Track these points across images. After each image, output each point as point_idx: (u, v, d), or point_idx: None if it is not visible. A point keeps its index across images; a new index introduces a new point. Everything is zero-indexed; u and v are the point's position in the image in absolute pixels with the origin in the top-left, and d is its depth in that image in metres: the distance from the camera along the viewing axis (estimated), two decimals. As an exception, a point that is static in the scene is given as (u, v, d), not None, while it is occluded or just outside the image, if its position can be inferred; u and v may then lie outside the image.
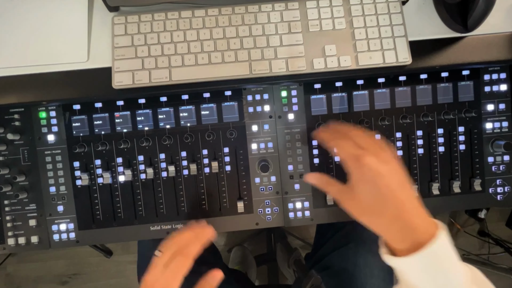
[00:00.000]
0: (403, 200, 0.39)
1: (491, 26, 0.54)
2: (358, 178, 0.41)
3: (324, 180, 0.46)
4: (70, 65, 0.54)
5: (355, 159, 0.41)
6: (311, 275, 0.59)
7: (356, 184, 0.41)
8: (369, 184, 0.40)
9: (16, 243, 0.59)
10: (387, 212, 0.39)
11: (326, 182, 0.46)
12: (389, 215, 0.39)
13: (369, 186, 0.40)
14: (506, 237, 1.27)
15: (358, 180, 0.41)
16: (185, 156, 0.60)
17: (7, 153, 0.59)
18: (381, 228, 0.40)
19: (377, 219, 0.40)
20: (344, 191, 0.43)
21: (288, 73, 0.53)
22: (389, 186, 0.39)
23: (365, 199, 0.40)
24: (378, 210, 0.39)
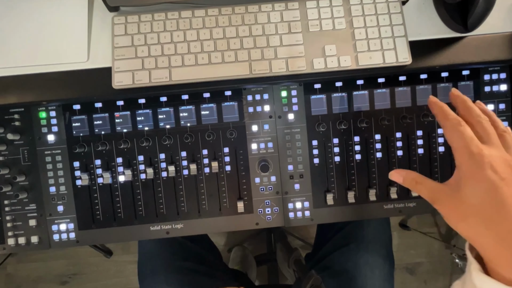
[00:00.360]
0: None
1: (491, 26, 0.54)
2: (470, 176, 0.33)
3: (412, 177, 0.38)
4: (70, 65, 0.54)
5: (473, 154, 0.33)
6: (311, 275, 0.59)
7: (465, 183, 0.33)
8: (485, 188, 0.32)
9: (16, 243, 0.59)
10: (501, 226, 0.30)
11: (415, 179, 0.38)
12: (503, 229, 0.30)
13: (484, 190, 0.32)
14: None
15: (469, 178, 0.33)
16: (185, 156, 0.60)
17: (7, 153, 0.59)
18: (485, 244, 0.32)
19: (485, 230, 0.31)
20: (442, 189, 0.35)
21: (288, 73, 0.53)
22: (509, 194, 0.31)
23: (474, 202, 0.32)
24: (489, 221, 0.31)
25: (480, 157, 0.33)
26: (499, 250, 0.31)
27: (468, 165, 0.33)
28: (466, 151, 0.34)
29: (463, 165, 0.34)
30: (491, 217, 0.31)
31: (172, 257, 0.65)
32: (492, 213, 0.31)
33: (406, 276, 1.36)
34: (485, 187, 0.32)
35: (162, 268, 0.64)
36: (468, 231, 0.33)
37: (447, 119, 0.37)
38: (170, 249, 0.66)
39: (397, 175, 0.40)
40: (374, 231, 0.66)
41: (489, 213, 0.31)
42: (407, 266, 1.36)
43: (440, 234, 1.37)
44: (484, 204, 0.32)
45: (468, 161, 0.33)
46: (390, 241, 0.69)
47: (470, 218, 0.32)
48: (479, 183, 0.32)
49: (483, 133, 0.36)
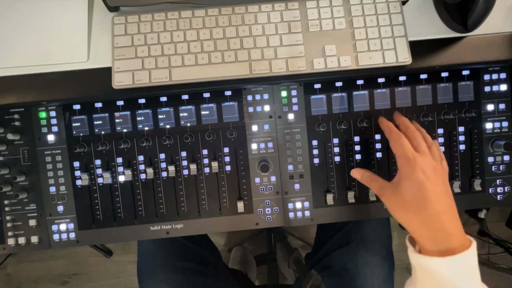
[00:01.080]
0: (444, 208, 0.41)
1: (491, 26, 0.54)
2: (406, 176, 0.43)
3: (368, 175, 0.51)
4: (70, 65, 0.54)
5: (409, 159, 0.44)
6: (311, 275, 0.59)
7: (403, 181, 0.43)
8: (416, 185, 0.42)
9: (16, 243, 0.59)
10: (425, 213, 0.41)
11: (369, 177, 0.50)
12: (427, 215, 0.41)
13: (415, 186, 0.42)
14: (506, 237, 1.27)
15: (406, 177, 0.43)
16: (185, 156, 0.60)
17: (7, 153, 0.59)
18: (415, 226, 0.42)
19: (415, 216, 0.41)
20: (387, 186, 0.46)
21: (288, 73, 0.53)
22: (434, 191, 0.42)
23: (407, 196, 0.42)
24: (417, 209, 0.41)
25: (414, 162, 0.43)
26: (424, 231, 0.41)
27: (405, 168, 0.44)
28: (405, 157, 0.44)
29: (402, 167, 0.45)
30: (418, 208, 0.41)
31: (171, 258, 0.65)
32: (419, 204, 0.41)
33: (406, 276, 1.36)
34: (416, 184, 0.42)
35: (161, 268, 0.64)
36: (404, 218, 0.43)
37: (391, 133, 0.49)
38: (169, 250, 0.66)
39: (356, 173, 0.53)
40: (374, 231, 0.66)
41: (417, 205, 0.41)
42: (407, 266, 1.36)
43: (440, 234, 1.37)
44: (415, 197, 0.42)
45: (406, 165, 0.44)
46: (390, 241, 0.69)
47: (405, 208, 0.43)
48: (412, 181, 0.43)
49: (416, 145, 0.47)
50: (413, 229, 0.42)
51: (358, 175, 0.53)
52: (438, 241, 0.39)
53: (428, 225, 0.40)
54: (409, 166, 0.44)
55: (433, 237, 0.40)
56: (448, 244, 0.39)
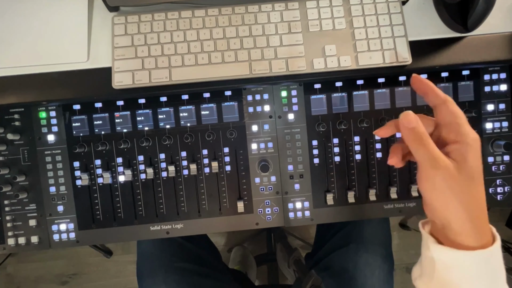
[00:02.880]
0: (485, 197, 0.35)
1: (491, 26, 0.54)
2: (465, 153, 0.34)
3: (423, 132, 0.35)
4: (70, 65, 0.54)
5: (467, 131, 0.35)
6: (311, 275, 0.59)
7: (462, 159, 0.34)
8: (474, 166, 0.34)
9: (16, 243, 0.59)
10: (476, 201, 0.34)
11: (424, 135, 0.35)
12: (477, 205, 0.34)
13: (473, 168, 0.34)
14: (506, 237, 1.27)
15: (464, 155, 0.34)
16: (185, 156, 0.60)
17: (7, 153, 0.59)
18: (461, 216, 0.34)
19: (466, 203, 0.34)
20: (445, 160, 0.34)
21: (288, 73, 0.53)
22: (482, 177, 0.35)
23: (464, 179, 0.33)
24: (472, 196, 0.34)
25: (476, 141, 0.35)
26: (469, 222, 0.34)
27: (468, 146, 0.34)
28: (465, 132, 0.35)
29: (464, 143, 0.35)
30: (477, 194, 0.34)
31: (171, 258, 0.65)
32: (480, 191, 0.34)
33: (406, 276, 1.36)
34: (479, 168, 0.34)
35: (161, 268, 0.64)
36: (455, 205, 0.34)
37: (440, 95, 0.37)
38: (169, 250, 0.66)
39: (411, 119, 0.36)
40: (373, 231, 0.66)
41: (478, 191, 0.34)
42: (407, 266, 1.36)
43: (440, 234, 1.37)
44: (478, 182, 0.34)
45: (468, 141, 0.35)
46: (389, 241, 0.69)
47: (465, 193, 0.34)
48: (477, 164, 0.34)
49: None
50: (461, 219, 0.34)
51: (412, 122, 0.35)
52: (483, 235, 0.34)
53: (478, 216, 0.34)
54: (470, 142, 0.34)
55: (480, 230, 0.34)
56: (487, 237, 0.34)
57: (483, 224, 0.35)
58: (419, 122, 0.36)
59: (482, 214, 0.35)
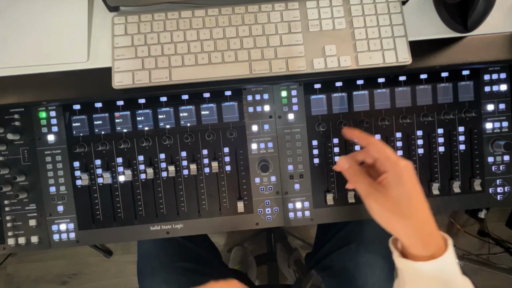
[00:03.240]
0: (429, 209, 0.40)
1: (491, 26, 0.54)
2: (396, 178, 0.40)
3: (357, 169, 0.44)
4: (70, 65, 0.54)
5: (393, 160, 0.41)
6: (311, 275, 0.59)
7: (393, 184, 0.40)
8: (406, 187, 0.40)
9: (16, 243, 0.59)
10: (416, 217, 0.39)
11: (358, 171, 0.44)
12: (418, 220, 0.39)
13: (406, 189, 0.40)
14: (506, 237, 1.27)
15: (395, 180, 0.40)
16: (185, 156, 0.60)
17: (7, 153, 0.59)
18: (405, 232, 0.39)
19: (406, 221, 0.39)
20: (376, 187, 0.41)
21: (288, 73, 0.53)
22: (421, 193, 0.40)
23: (399, 200, 0.39)
24: (409, 214, 0.39)
25: (403, 166, 0.41)
26: (414, 237, 0.39)
27: (395, 171, 0.41)
28: (391, 160, 0.41)
29: (392, 170, 0.41)
30: (410, 212, 0.39)
31: (171, 258, 0.65)
32: (411, 208, 0.39)
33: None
34: (406, 189, 0.40)
35: (161, 268, 0.64)
36: (395, 224, 0.40)
37: (369, 137, 0.45)
38: (169, 250, 0.66)
39: (344, 162, 0.45)
40: (374, 231, 0.66)
41: (409, 209, 0.39)
42: (407, 266, 1.36)
43: (440, 234, 1.37)
44: (405, 202, 0.40)
45: (394, 167, 0.41)
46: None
47: (396, 213, 0.40)
48: (401, 186, 0.40)
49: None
50: (404, 236, 0.40)
51: (345, 164, 0.44)
52: (430, 246, 0.39)
53: (420, 229, 0.39)
54: (396, 167, 0.41)
55: (426, 242, 0.39)
56: (437, 246, 0.39)
57: (431, 235, 0.39)
58: (351, 164, 0.44)
59: (427, 226, 0.39)
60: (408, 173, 0.40)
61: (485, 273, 1.16)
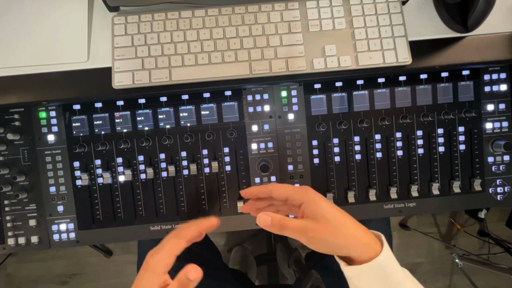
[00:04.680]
0: (351, 217, 0.42)
1: (491, 26, 0.54)
2: (314, 206, 0.41)
3: (280, 218, 0.40)
4: (70, 65, 0.54)
5: (301, 192, 0.42)
6: (311, 275, 0.59)
7: (318, 210, 0.41)
8: (331, 206, 0.41)
9: (16, 243, 0.59)
10: (351, 230, 0.41)
11: (283, 219, 0.40)
12: (354, 232, 0.41)
13: (331, 208, 0.41)
14: (506, 237, 1.27)
15: (317, 206, 0.41)
16: (185, 156, 0.60)
17: (7, 153, 0.59)
18: (349, 248, 0.41)
19: (346, 239, 0.41)
20: (308, 221, 0.41)
21: (288, 73, 0.53)
22: (338, 208, 0.42)
23: (330, 224, 0.41)
24: (345, 231, 0.41)
25: (309, 190, 0.43)
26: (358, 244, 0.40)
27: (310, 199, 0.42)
28: (301, 190, 0.43)
29: (306, 200, 0.42)
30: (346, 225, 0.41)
31: (171, 257, 0.65)
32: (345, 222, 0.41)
33: (406, 276, 1.36)
34: (330, 206, 0.42)
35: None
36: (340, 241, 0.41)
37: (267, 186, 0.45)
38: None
39: (265, 219, 0.41)
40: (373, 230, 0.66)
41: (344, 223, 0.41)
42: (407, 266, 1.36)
43: (440, 234, 1.37)
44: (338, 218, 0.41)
45: (306, 195, 0.42)
46: (390, 241, 0.69)
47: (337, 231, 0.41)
48: (324, 206, 0.42)
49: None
50: (349, 249, 0.41)
51: (266, 221, 0.40)
52: (371, 247, 0.40)
53: (359, 239, 0.41)
54: (309, 197, 0.42)
55: (366, 247, 0.40)
56: (376, 245, 0.40)
57: (362, 239, 0.40)
58: (271, 217, 0.41)
59: (356, 233, 0.41)
60: (316, 198, 0.42)
61: (485, 273, 1.16)
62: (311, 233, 0.40)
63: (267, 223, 0.41)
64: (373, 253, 0.40)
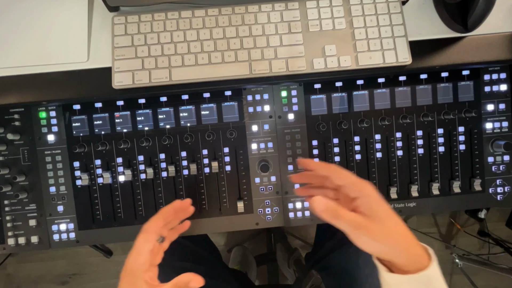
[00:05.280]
0: (405, 224, 0.41)
1: (491, 26, 0.54)
2: (370, 205, 0.40)
3: (335, 209, 0.39)
4: (70, 65, 0.54)
5: (360, 185, 0.41)
6: (311, 275, 0.59)
7: (372, 210, 0.39)
8: (388, 209, 0.40)
9: (16, 243, 0.59)
10: (402, 238, 0.40)
11: (337, 211, 0.39)
12: (404, 240, 0.40)
13: (388, 211, 0.40)
14: (506, 237, 1.27)
15: (371, 206, 0.40)
16: (185, 156, 0.60)
17: (7, 153, 0.59)
18: (396, 254, 0.39)
19: (396, 244, 0.39)
20: (361, 220, 0.39)
21: (288, 73, 0.53)
22: (395, 213, 0.40)
23: (389, 223, 0.39)
24: (397, 237, 0.40)
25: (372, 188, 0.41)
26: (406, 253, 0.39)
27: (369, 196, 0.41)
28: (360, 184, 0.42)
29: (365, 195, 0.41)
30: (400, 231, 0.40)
31: (171, 257, 0.65)
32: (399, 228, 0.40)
33: (406, 276, 1.35)
34: (388, 209, 0.40)
35: (161, 268, 0.63)
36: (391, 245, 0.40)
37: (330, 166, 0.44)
38: (169, 249, 0.66)
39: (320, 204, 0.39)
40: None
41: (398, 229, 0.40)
42: (407, 266, 1.36)
43: (440, 234, 1.37)
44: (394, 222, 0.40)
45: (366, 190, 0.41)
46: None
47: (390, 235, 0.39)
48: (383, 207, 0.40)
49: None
50: (396, 255, 0.39)
51: (321, 205, 0.39)
52: (417, 258, 0.39)
53: (408, 247, 0.40)
54: (370, 191, 0.41)
55: (413, 257, 0.39)
56: (422, 257, 0.40)
57: (413, 250, 0.39)
58: (327, 203, 0.39)
59: (408, 242, 0.40)
60: (376, 195, 0.40)
61: (485, 273, 1.16)
62: (363, 230, 0.39)
63: (320, 207, 0.39)
64: (420, 265, 0.39)
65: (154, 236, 0.44)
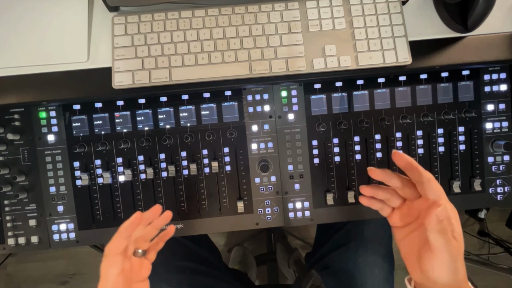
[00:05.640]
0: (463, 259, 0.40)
1: (491, 26, 0.54)
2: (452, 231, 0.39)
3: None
4: (70, 65, 0.54)
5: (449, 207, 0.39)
6: (311, 275, 0.59)
7: (446, 239, 0.38)
8: (459, 241, 0.39)
9: (16, 243, 0.59)
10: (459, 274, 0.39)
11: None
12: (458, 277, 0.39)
13: (458, 244, 0.39)
14: (506, 237, 1.27)
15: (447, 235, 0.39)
16: (185, 156, 0.60)
17: (7, 153, 0.59)
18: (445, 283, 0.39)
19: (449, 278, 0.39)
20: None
21: (288, 73, 0.53)
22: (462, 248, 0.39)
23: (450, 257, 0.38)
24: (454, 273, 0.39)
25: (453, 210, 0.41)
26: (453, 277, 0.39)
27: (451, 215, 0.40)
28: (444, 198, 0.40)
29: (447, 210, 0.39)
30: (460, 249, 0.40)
31: (172, 257, 0.65)
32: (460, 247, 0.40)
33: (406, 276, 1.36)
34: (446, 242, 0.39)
35: (162, 268, 0.63)
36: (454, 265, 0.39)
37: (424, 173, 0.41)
38: (170, 249, 0.66)
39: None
40: (373, 230, 0.66)
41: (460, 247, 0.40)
42: (407, 266, 1.36)
43: (440, 234, 1.37)
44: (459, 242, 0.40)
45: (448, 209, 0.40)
46: (390, 240, 0.69)
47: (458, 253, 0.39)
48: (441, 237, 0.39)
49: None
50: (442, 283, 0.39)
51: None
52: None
53: (459, 279, 0.39)
54: (448, 212, 0.39)
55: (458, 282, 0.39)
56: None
57: (461, 286, 0.39)
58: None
59: (460, 278, 0.39)
60: (459, 222, 0.39)
61: (485, 273, 1.16)
62: (423, 251, 0.39)
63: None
64: None
65: (118, 257, 0.42)
